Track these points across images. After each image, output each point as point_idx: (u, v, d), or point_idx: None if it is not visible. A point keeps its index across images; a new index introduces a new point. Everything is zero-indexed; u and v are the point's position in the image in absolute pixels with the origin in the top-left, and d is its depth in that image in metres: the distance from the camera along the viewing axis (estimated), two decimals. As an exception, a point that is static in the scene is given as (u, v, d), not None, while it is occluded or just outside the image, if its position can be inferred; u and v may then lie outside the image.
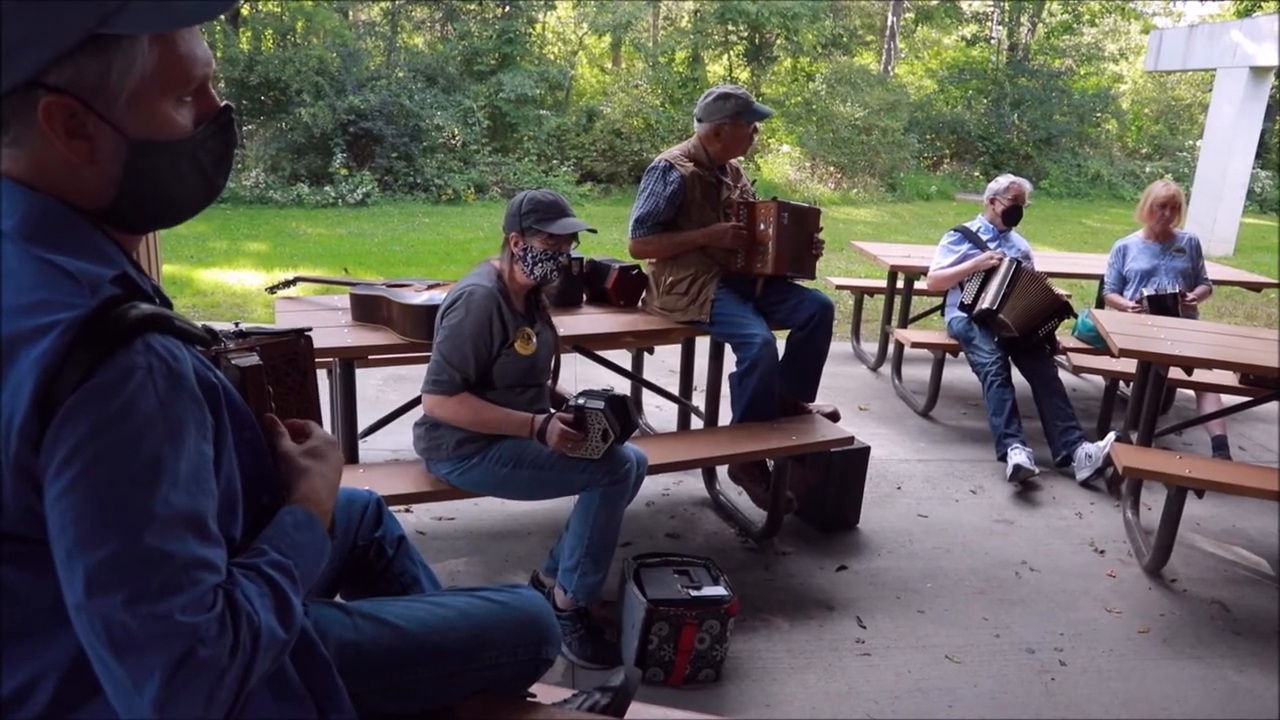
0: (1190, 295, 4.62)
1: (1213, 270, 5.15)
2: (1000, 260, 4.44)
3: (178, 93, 1.01)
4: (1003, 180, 4.75)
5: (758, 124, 3.42)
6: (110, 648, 0.90)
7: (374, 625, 1.43)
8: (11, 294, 0.92)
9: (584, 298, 3.70)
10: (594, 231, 2.71)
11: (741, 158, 3.63)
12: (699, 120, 3.44)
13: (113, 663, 0.91)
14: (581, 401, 2.48)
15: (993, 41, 21.49)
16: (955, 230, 4.75)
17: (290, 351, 1.33)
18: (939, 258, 4.72)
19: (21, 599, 0.97)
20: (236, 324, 1.29)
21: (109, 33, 0.93)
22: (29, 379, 0.88)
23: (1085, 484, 4.07)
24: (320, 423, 1.34)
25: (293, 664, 1.20)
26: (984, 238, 4.67)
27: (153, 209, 1.06)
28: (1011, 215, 4.68)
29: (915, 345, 4.86)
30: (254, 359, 1.22)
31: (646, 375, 4.24)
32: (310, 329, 1.39)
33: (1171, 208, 4.67)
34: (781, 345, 3.42)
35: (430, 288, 3.18)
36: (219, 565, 0.98)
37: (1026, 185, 4.73)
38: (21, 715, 0.99)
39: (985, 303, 4.38)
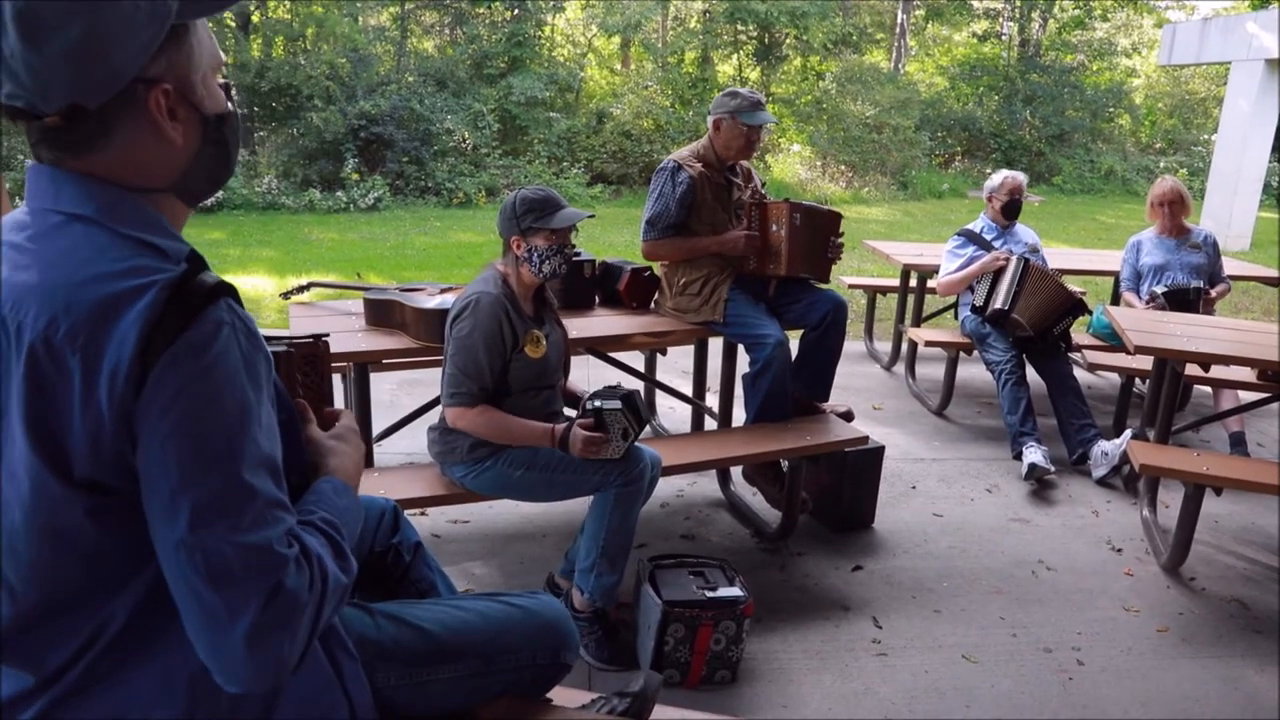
0: (1213, 292, 4.59)
1: (1229, 265, 5.11)
2: (1007, 260, 4.42)
3: (218, 70, 1.13)
4: (996, 177, 4.72)
5: (758, 126, 3.39)
6: (209, 579, 0.96)
7: (395, 625, 1.45)
8: (107, 262, 1.00)
9: (596, 299, 3.71)
10: (593, 217, 2.76)
11: (751, 159, 3.62)
12: (709, 114, 3.45)
13: (210, 594, 0.96)
14: (599, 404, 2.47)
15: (1004, 38, 21.39)
16: (959, 234, 4.72)
17: (311, 353, 1.39)
18: (945, 264, 4.70)
19: (90, 557, 1.02)
20: None
21: (180, 21, 1.02)
22: (133, 331, 0.96)
23: (1101, 482, 4.05)
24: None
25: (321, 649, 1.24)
26: (988, 238, 4.64)
27: (217, 178, 1.16)
28: (1011, 210, 4.65)
29: (929, 344, 4.85)
30: (284, 347, 1.31)
31: (660, 376, 4.24)
32: (327, 334, 1.45)
33: (1172, 202, 4.63)
34: (795, 345, 3.41)
35: (443, 291, 3.19)
36: (291, 509, 1.06)
37: (1021, 177, 4.69)
38: (68, 680, 1.05)
39: (997, 303, 4.35)
